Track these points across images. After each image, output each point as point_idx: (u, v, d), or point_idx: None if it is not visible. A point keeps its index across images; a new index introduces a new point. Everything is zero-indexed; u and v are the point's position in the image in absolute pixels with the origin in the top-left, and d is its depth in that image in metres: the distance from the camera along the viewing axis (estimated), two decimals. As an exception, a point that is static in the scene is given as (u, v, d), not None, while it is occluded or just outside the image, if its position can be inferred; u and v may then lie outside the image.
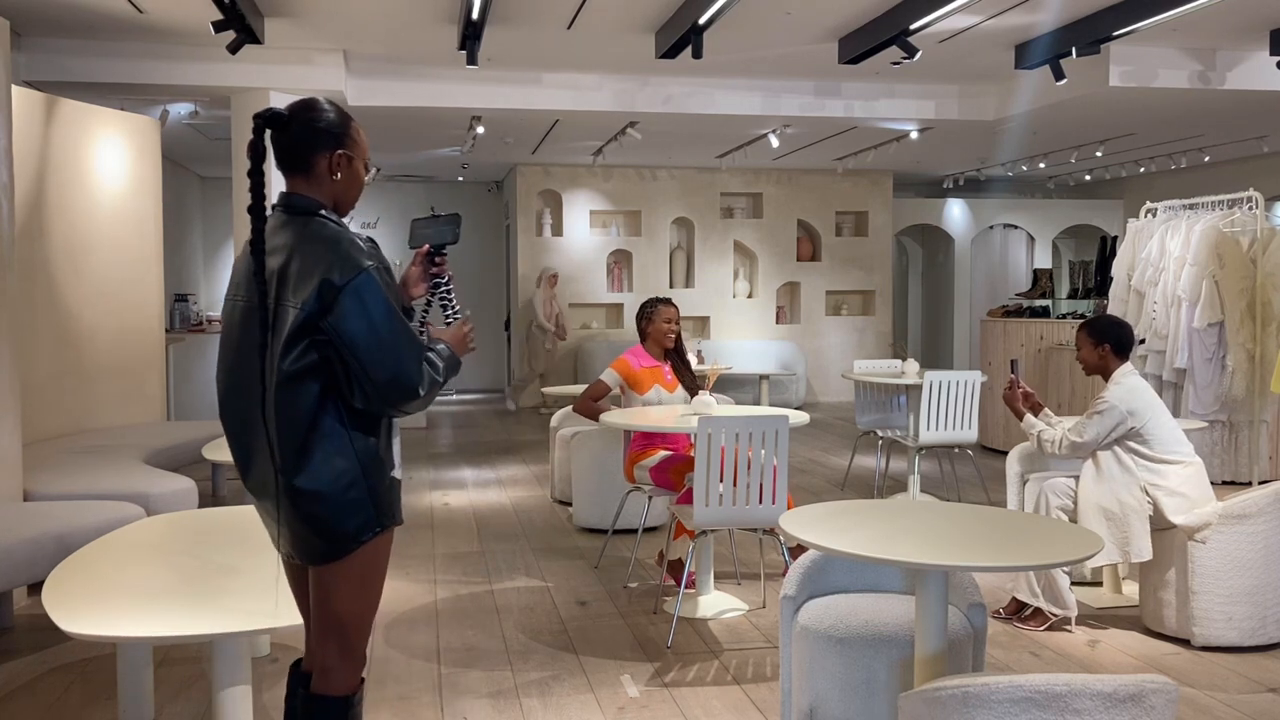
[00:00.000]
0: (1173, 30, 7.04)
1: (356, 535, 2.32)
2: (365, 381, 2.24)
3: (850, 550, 2.82)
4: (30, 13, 6.81)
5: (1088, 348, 4.66)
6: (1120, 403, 4.44)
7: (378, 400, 2.27)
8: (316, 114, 2.41)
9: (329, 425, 2.28)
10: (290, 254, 2.30)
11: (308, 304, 2.22)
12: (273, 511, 2.37)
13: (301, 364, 2.25)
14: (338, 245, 2.28)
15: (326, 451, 2.27)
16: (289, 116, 2.39)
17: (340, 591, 2.36)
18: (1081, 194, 15.45)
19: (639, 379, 5.45)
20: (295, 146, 2.40)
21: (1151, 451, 4.43)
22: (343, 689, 2.40)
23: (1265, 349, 6.76)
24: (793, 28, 7.19)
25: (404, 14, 6.95)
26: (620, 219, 13.61)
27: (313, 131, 2.40)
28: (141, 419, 7.50)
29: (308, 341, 2.24)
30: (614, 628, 4.66)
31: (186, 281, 12.79)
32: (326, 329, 2.23)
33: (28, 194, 6.37)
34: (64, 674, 4.10)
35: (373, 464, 2.33)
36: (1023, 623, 4.61)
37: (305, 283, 2.24)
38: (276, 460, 2.28)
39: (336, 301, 2.22)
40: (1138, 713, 2.25)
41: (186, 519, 4.26)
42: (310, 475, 2.27)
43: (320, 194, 2.41)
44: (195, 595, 3.05)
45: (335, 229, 2.35)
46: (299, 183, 2.42)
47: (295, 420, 2.26)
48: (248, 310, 2.36)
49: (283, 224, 2.38)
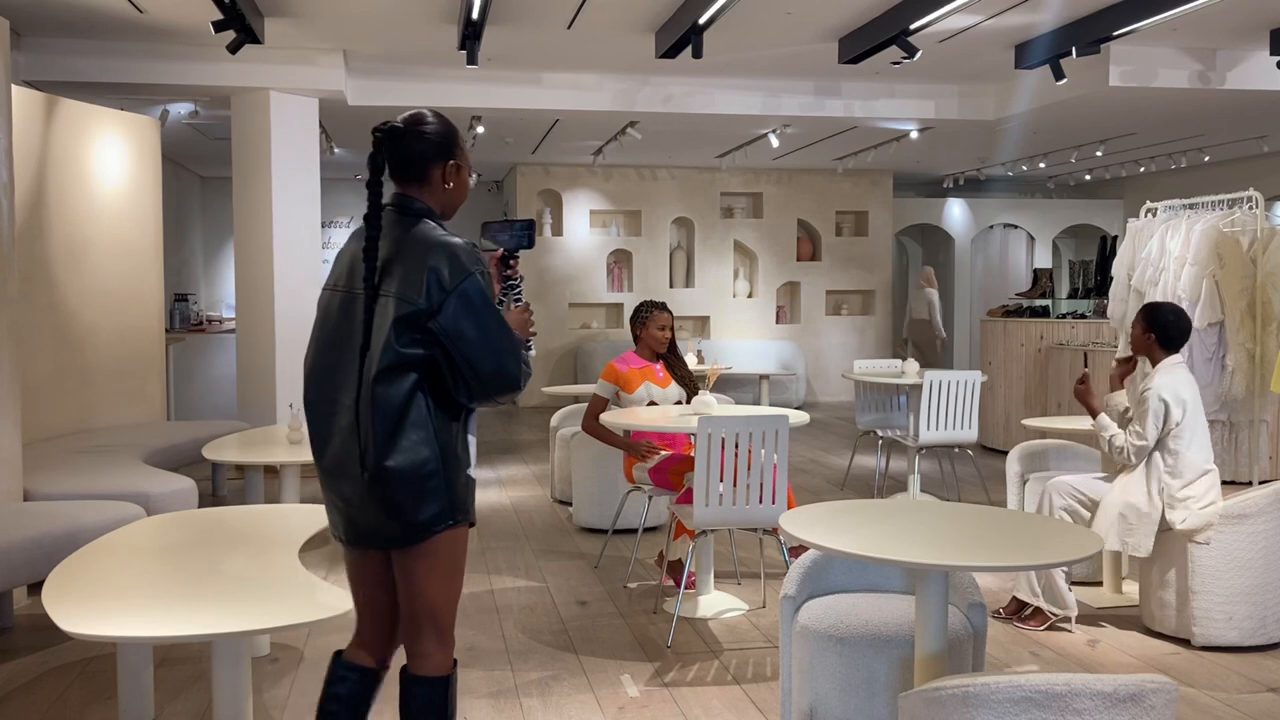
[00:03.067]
0: (1173, 30, 7.04)
1: (430, 525, 2.46)
2: (472, 376, 2.43)
3: (850, 550, 2.83)
4: (30, 13, 6.81)
5: (1139, 329, 4.61)
6: (1161, 390, 4.39)
7: (481, 393, 2.46)
8: (429, 126, 2.56)
9: (417, 415, 2.44)
10: (398, 253, 2.46)
11: (416, 302, 2.39)
12: (346, 494, 2.51)
13: (403, 357, 2.41)
14: (447, 250, 2.44)
15: (414, 440, 2.42)
16: (404, 129, 2.54)
17: (427, 581, 2.51)
18: (1081, 194, 15.45)
19: (627, 379, 5.45)
20: (411, 157, 2.54)
21: (1178, 464, 4.39)
22: (442, 670, 2.58)
23: (1265, 349, 6.75)
24: (793, 28, 7.19)
25: (404, 14, 6.94)
26: (620, 219, 13.62)
27: (427, 143, 2.55)
28: (141, 419, 7.50)
29: (412, 337, 2.41)
30: (614, 628, 4.66)
31: (186, 281, 12.78)
32: (435, 328, 2.40)
33: (28, 194, 6.36)
34: (64, 674, 4.10)
35: (451, 457, 2.48)
36: (1023, 622, 4.61)
37: (413, 282, 2.40)
38: (367, 444, 2.42)
39: (446, 303, 2.39)
40: (1138, 713, 2.25)
41: (186, 519, 4.26)
42: (397, 460, 2.41)
43: (431, 200, 2.57)
44: (195, 595, 3.05)
45: (444, 234, 2.50)
46: (412, 188, 2.57)
47: (390, 408, 2.41)
48: (346, 300, 2.53)
49: (393, 223, 2.52)
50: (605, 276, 13.43)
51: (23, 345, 5.66)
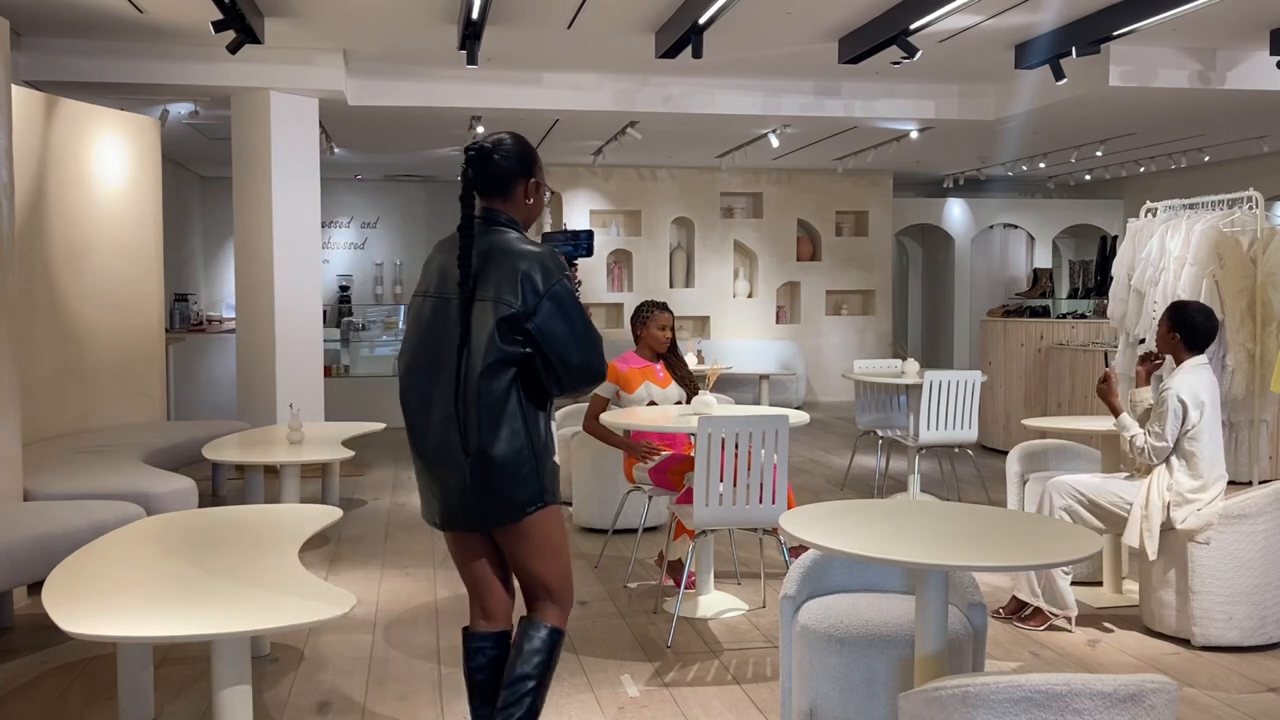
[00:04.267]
0: (1173, 30, 7.04)
1: (523, 506, 2.77)
2: (563, 369, 2.74)
3: (850, 550, 2.82)
4: (30, 13, 6.81)
5: (1165, 327, 4.61)
6: (1180, 390, 4.38)
7: (570, 384, 2.77)
8: (514, 147, 2.87)
9: (514, 408, 2.75)
10: (489, 261, 2.74)
11: (514, 305, 2.69)
12: (447, 481, 2.80)
13: (505, 354, 2.70)
14: (538, 258, 2.75)
15: (512, 429, 2.74)
16: (491, 149, 2.84)
17: (531, 559, 2.85)
18: (1081, 194, 15.44)
19: (628, 379, 5.45)
20: (498, 175, 2.84)
21: (1192, 465, 4.38)
22: (559, 624, 2.93)
23: (1265, 349, 6.75)
24: (793, 28, 7.19)
25: (404, 14, 6.94)
26: (620, 219, 13.61)
27: (512, 162, 2.85)
28: (141, 419, 7.50)
29: (512, 337, 2.70)
30: (614, 628, 4.66)
31: (186, 281, 12.78)
32: (531, 328, 2.70)
33: (28, 194, 6.36)
34: (64, 674, 4.10)
35: (540, 445, 2.80)
36: (1022, 622, 4.61)
37: (509, 288, 2.70)
38: (469, 433, 2.72)
39: (540, 306, 2.69)
40: (1138, 712, 2.25)
41: (186, 519, 4.26)
42: (499, 448, 2.72)
43: (515, 213, 2.87)
44: (195, 595, 3.05)
45: (532, 244, 2.80)
46: (497, 202, 2.86)
47: (492, 400, 2.71)
48: (439, 304, 2.83)
49: (481, 233, 2.80)
50: (605, 276, 13.43)
51: (23, 345, 5.66)
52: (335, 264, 14.32)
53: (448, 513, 2.85)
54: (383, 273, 14.62)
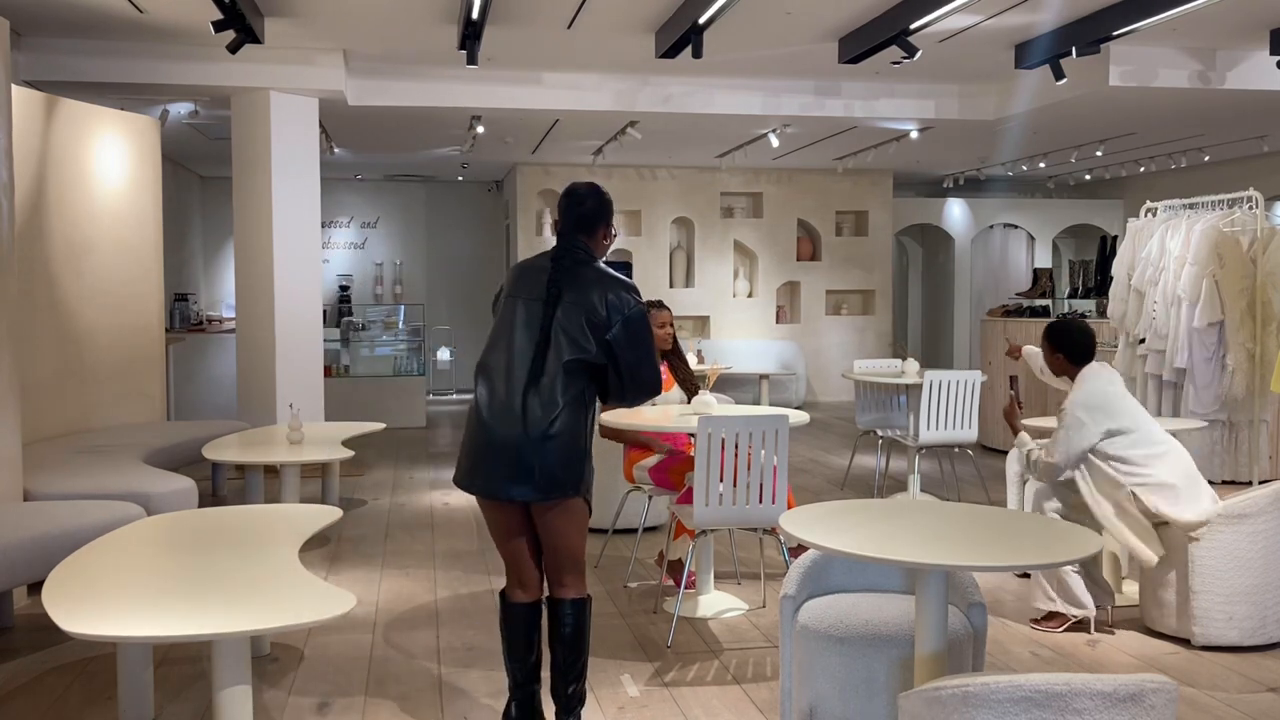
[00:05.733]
0: (1173, 30, 7.04)
1: (564, 486, 3.24)
2: (629, 379, 3.29)
3: (850, 550, 2.83)
4: (30, 13, 6.81)
5: (1047, 352, 4.65)
6: (1081, 408, 4.36)
7: (632, 392, 3.34)
8: (603, 196, 3.50)
9: (579, 401, 3.27)
10: (574, 280, 3.31)
11: (597, 318, 3.24)
12: (503, 454, 3.22)
13: (583, 357, 3.24)
14: (622, 284, 3.35)
15: (576, 416, 3.26)
16: (586, 194, 3.47)
17: (566, 532, 3.31)
18: (1081, 194, 15.44)
19: None
20: (591, 216, 3.45)
21: (1132, 454, 4.34)
22: (582, 593, 3.39)
23: (1265, 348, 6.75)
24: (793, 27, 7.19)
25: (404, 14, 6.94)
26: (620, 219, 13.61)
27: (600, 208, 3.48)
28: (141, 419, 7.50)
29: (590, 343, 3.24)
30: (614, 627, 4.66)
31: (186, 281, 12.78)
32: (609, 339, 3.24)
33: (28, 194, 6.36)
34: (64, 674, 4.10)
35: (588, 443, 3.33)
36: (1039, 624, 4.58)
37: (595, 305, 3.26)
38: (537, 415, 3.19)
39: (619, 324, 3.25)
40: (1138, 712, 2.25)
41: (186, 519, 4.26)
42: (562, 427, 3.21)
43: (593, 247, 3.46)
44: (195, 595, 3.05)
45: (614, 272, 3.40)
46: (581, 238, 3.43)
47: (568, 391, 3.23)
48: (527, 304, 3.33)
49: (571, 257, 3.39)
50: (605, 276, 13.41)
51: (23, 345, 5.66)
52: (335, 264, 14.32)
53: (490, 481, 3.26)
54: (383, 273, 14.62)
